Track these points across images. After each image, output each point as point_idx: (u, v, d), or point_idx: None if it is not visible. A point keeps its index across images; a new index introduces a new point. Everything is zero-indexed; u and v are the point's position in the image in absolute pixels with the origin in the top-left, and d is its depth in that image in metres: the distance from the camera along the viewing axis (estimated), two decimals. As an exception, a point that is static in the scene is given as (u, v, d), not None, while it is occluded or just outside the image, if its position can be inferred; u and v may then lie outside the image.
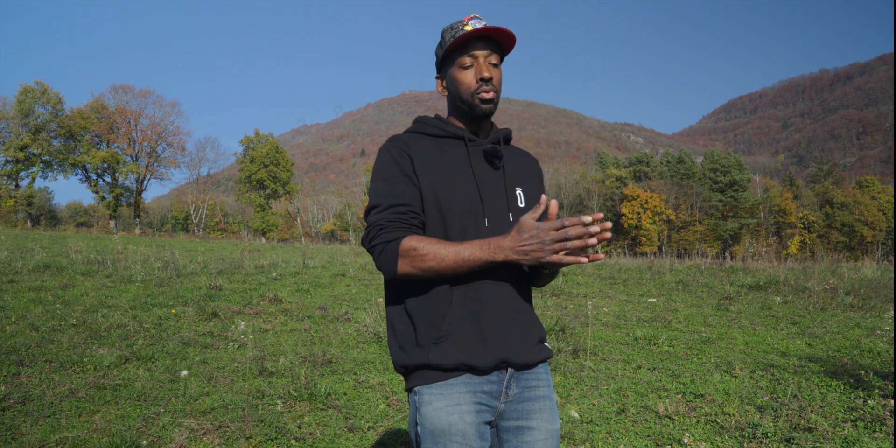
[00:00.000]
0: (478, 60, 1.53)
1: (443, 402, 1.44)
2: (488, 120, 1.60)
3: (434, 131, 1.58)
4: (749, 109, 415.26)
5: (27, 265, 9.94)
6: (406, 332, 1.50)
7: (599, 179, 63.12)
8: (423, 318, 1.47)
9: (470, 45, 1.53)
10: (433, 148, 1.55)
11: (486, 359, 1.43)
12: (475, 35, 1.51)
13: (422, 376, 1.47)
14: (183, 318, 6.73)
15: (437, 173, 1.50)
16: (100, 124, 47.43)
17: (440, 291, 1.45)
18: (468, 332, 1.44)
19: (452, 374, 1.45)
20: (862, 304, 8.42)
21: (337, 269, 12.28)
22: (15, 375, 4.39)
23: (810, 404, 4.01)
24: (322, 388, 4.30)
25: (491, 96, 1.52)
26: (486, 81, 1.52)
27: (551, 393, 1.58)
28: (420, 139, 1.57)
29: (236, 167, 59.29)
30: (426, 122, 1.60)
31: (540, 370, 1.57)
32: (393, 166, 1.50)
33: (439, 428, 1.43)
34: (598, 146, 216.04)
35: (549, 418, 1.53)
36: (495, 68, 1.55)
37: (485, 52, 1.53)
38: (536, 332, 1.55)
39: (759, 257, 23.60)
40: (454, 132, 1.57)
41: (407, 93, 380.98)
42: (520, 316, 1.51)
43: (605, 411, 4.00)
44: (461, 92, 1.54)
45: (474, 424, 1.44)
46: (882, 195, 62.22)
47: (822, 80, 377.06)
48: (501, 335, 1.46)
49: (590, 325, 6.88)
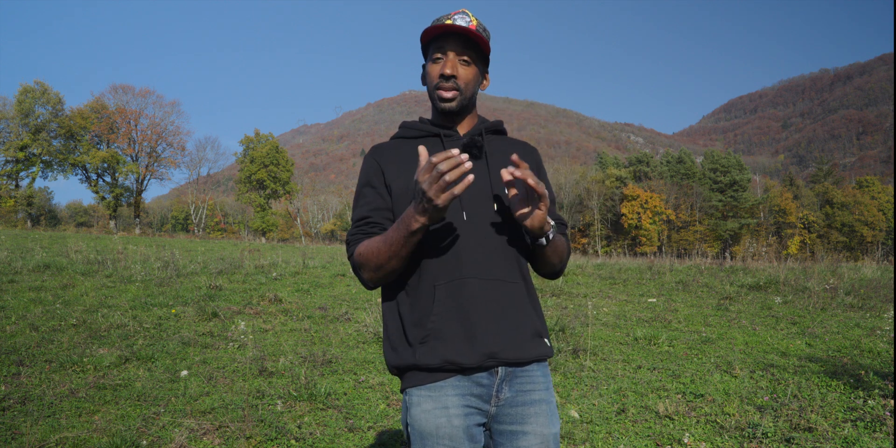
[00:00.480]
0: (447, 56, 1.51)
1: (431, 405, 1.43)
2: (463, 115, 1.59)
3: (412, 133, 1.60)
4: (749, 109, 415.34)
5: (27, 265, 9.94)
6: (396, 332, 1.50)
7: (599, 179, 63.12)
8: (411, 317, 1.47)
9: (442, 40, 1.52)
10: (410, 149, 1.56)
11: (471, 355, 1.41)
12: (445, 31, 1.50)
13: (412, 378, 1.46)
14: (183, 318, 6.73)
15: (409, 172, 1.50)
16: (100, 124, 47.43)
17: (425, 290, 1.45)
18: (453, 329, 1.42)
19: (441, 375, 1.43)
20: (862, 304, 8.42)
21: (337, 269, 12.28)
22: (15, 375, 4.39)
23: (810, 404, 4.01)
24: (322, 388, 4.30)
25: (449, 95, 1.51)
26: (445, 78, 1.50)
27: (549, 396, 1.53)
28: (400, 144, 1.59)
29: (236, 167, 59.30)
30: (406, 126, 1.63)
31: (536, 372, 1.52)
32: (362, 179, 1.57)
33: (427, 430, 1.42)
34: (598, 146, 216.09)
35: (544, 423, 1.49)
36: (467, 66, 1.52)
37: (458, 48, 1.51)
38: (530, 327, 1.49)
39: (759, 257, 23.60)
40: (430, 130, 1.58)
41: (407, 93, 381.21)
42: (511, 310, 1.47)
43: (605, 411, 4.00)
44: (428, 85, 1.56)
45: (462, 427, 1.43)
46: (882, 195, 62.24)
47: (822, 80, 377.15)
48: (489, 330, 1.43)
49: (590, 325, 6.88)
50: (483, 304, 1.43)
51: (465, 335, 1.42)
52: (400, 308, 1.50)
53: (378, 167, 1.54)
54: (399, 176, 1.51)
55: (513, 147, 1.65)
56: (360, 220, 1.51)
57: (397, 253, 1.39)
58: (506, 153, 1.60)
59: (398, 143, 1.60)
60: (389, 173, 1.53)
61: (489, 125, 1.63)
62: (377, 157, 1.57)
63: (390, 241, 1.38)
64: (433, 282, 1.44)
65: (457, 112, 1.55)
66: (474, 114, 1.63)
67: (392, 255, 1.39)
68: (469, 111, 1.59)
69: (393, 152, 1.57)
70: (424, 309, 1.45)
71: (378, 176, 1.54)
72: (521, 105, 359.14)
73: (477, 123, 1.63)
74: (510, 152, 1.61)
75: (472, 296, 1.43)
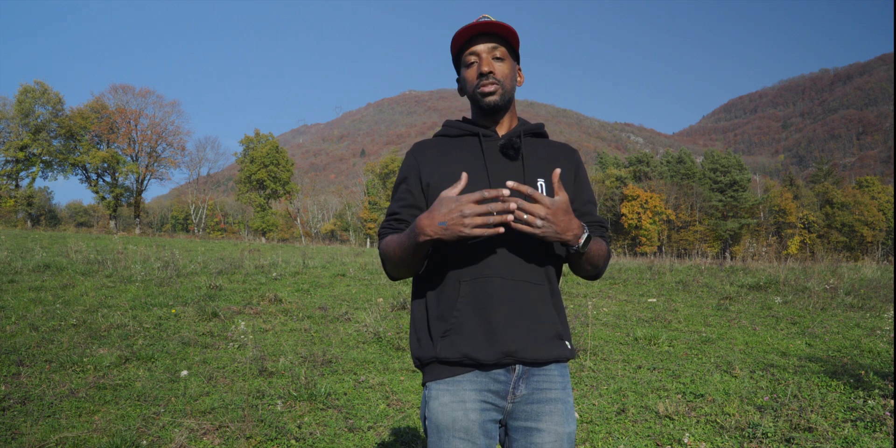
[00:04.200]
0: (480, 56, 1.55)
1: (448, 398, 1.47)
2: (503, 113, 1.60)
3: (453, 132, 1.63)
4: (749, 109, 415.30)
5: (27, 265, 9.93)
6: (422, 325, 1.55)
7: (599, 179, 63.11)
8: (436, 311, 1.51)
9: (471, 43, 1.55)
10: (450, 148, 1.60)
11: (490, 352, 1.44)
12: (472, 33, 1.54)
13: (433, 371, 1.51)
14: (183, 318, 6.73)
15: (446, 170, 1.54)
16: (100, 124, 47.41)
17: (450, 286, 1.50)
18: (474, 325, 1.46)
19: (459, 369, 1.48)
20: (862, 304, 8.42)
21: (337, 269, 12.29)
22: (15, 375, 4.39)
23: (810, 404, 4.01)
24: (322, 388, 4.30)
25: (491, 89, 1.53)
26: (484, 76, 1.53)
27: (566, 396, 1.55)
28: (441, 141, 1.64)
29: (236, 167, 59.28)
30: (448, 124, 1.67)
31: (553, 372, 1.54)
32: (400, 175, 1.62)
33: (444, 423, 1.47)
34: (598, 146, 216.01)
35: (560, 421, 1.51)
36: (500, 61, 1.55)
37: (487, 46, 1.55)
38: (551, 328, 1.51)
39: (759, 257, 23.59)
40: (469, 130, 1.61)
41: (407, 93, 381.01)
42: (532, 311, 1.49)
43: (605, 411, 4.00)
44: (468, 89, 1.59)
45: (478, 422, 1.46)
46: (882, 195, 62.20)
47: (822, 80, 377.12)
48: (508, 329, 1.45)
49: (590, 325, 6.88)
50: (505, 303, 1.46)
51: (485, 332, 1.45)
52: (427, 302, 1.55)
53: (416, 164, 1.59)
54: (435, 172, 1.56)
55: (551, 149, 1.66)
56: (390, 215, 1.59)
57: (406, 259, 1.46)
58: (543, 156, 1.62)
59: (439, 140, 1.64)
60: (426, 170, 1.57)
61: (528, 128, 1.64)
62: (417, 154, 1.62)
63: (402, 245, 1.44)
64: (459, 278, 1.49)
65: (501, 107, 1.56)
66: (514, 114, 1.65)
67: (405, 257, 1.46)
68: (509, 108, 1.61)
69: (433, 150, 1.61)
70: (448, 304, 1.49)
71: (415, 173, 1.58)
72: (521, 105, 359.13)
73: (517, 125, 1.65)
74: (548, 155, 1.63)
75: (494, 294, 1.46)
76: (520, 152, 1.57)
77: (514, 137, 1.57)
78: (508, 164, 1.56)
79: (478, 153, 1.57)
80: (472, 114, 1.66)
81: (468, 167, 1.53)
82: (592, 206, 1.67)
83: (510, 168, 1.55)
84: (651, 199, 58.22)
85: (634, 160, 68.48)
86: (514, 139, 1.57)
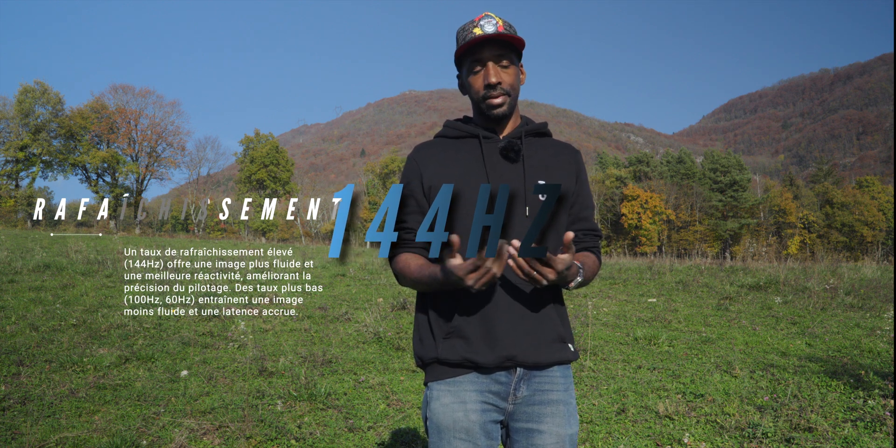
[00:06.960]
0: (486, 65, 1.54)
1: (449, 399, 1.48)
2: (508, 118, 1.60)
3: (453, 133, 1.63)
4: (749, 109, 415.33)
5: (27, 265, 9.93)
6: (424, 326, 1.56)
7: (599, 179, 63.10)
8: (438, 313, 1.52)
9: (478, 50, 1.53)
10: (451, 149, 1.60)
11: (490, 356, 1.45)
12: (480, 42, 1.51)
13: (434, 372, 1.51)
14: (183, 318, 6.73)
15: (446, 173, 1.54)
16: (100, 124, 47.43)
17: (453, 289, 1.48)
18: (475, 328, 1.46)
19: (460, 371, 1.48)
20: (862, 304, 8.42)
21: (337, 269, 12.29)
22: (15, 375, 4.39)
23: (810, 404, 4.01)
24: (322, 388, 4.30)
25: (499, 101, 1.53)
26: (492, 87, 1.52)
27: (568, 398, 1.55)
28: (441, 143, 1.63)
29: (236, 167, 59.27)
30: (448, 125, 1.66)
31: (556, 373, 1.54)
32: (402, 180, 1.63)
33: (445, 424, 1.47)
34: (598, 146, 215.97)
35: (561, 423, 1.51)
36: (506, 70, 1.54)
37: (494, 54, 1.53)
38: (552, 331, 1.51)
39: (759, 257, 23.59)
40: (470, 131, 1.60)
41: (407, 93, 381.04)
42: (534, 315, 1.49)
43: (605, 411, 4.00)
44: (473, 96, 1.59)
45: (479, 423, 1.47)
46: (882, 195, 62.19)
47: (822, 80, 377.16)
48: (509, 333, 1.46)
49: (590, 325, 6.88)
50: (506, 307, 1.47)
51: (486, 336, 1.46)
52: (430, 303, 1.55)
53: (417, 168, 1.59)
54: (436, 176, 1.56)
55: (553, 150, 1.66)
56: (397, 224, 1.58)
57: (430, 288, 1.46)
58: (544, 157, 1.62)
59: (440, 142, 1.64)
60: (427, 174, 1.57)
61: (530, 128, 1.64)
62: (417, 158, 1.61)
63: (424, 278, 1.43)
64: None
65: (509, 115, 1.57)
66: (517, 113, 1.64)
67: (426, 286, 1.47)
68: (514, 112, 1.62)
69: (433, 152, 1.61)
70: (451, 307, 1.50)
71: (416, 178, 1.58)
72: (522, 105, 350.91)
73: (519, 125, 1.64)
74: (547, 154, 1.63)
75: (496, 298, 1.47)
76: (520, 154, 1.57)
77: (514, 140, 1.57)
78: (509, 166, 1.56)
79: (478, 155, 1.57)
80: (473, 113, 1.66)
81: (468, 170, 1.54)
82: (590, 212, 1.68)
83: (510, 170, 1.55)
84: (651, 199, 58.21)
85: (634, 160, 68.48)
86: (515, 141, 1.57)
